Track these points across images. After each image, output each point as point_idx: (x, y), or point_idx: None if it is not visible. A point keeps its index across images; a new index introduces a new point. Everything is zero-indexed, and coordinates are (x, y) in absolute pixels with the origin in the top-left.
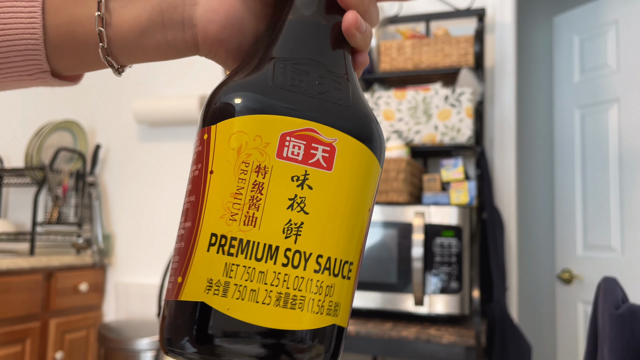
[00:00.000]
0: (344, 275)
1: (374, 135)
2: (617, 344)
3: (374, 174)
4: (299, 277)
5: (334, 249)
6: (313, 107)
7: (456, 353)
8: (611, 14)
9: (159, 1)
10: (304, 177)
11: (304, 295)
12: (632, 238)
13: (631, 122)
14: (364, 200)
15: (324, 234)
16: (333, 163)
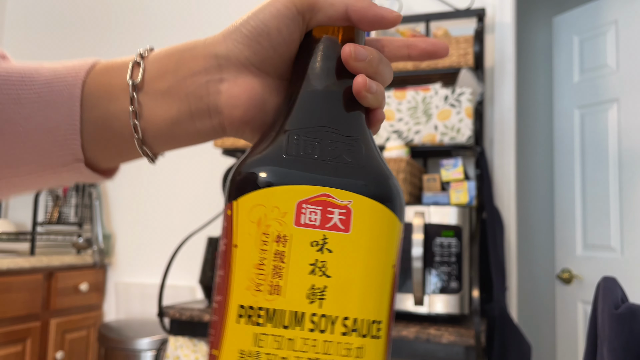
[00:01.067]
0: (373, 335)
1: (390, 192)
2: (617, 344)
3: (393, 231)
4: (327, 342)
5: (360, 310)
6: (326, 173)
7: (456, 353)
8: (611, 14)
9: (186, 93)
10: (323, 242)
11: (334, 359)
12: (632, 238)
13: (631, 122)
14: (386, 258)
15: (349, 296)
16: (350, 225)
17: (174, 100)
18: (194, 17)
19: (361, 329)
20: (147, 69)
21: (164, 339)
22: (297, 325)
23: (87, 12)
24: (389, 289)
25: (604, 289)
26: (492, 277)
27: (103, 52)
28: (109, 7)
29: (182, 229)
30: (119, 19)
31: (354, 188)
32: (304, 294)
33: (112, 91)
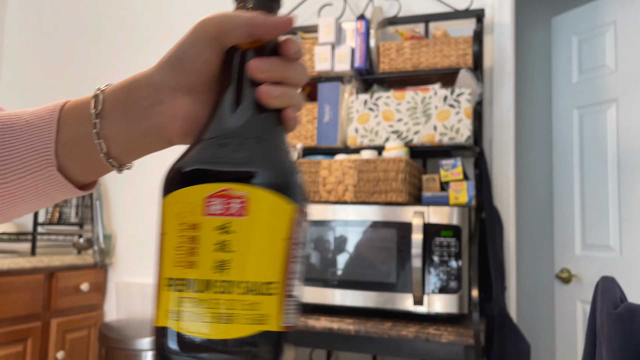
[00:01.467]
0: (267, 293)
1: (280, 181)
2: (615, 343)
3: (284, 213)
4: (231, 300)
5: (256, 275)
6: (227, 171)
7: (455, 352)
8: (609, 14)
9: (136, 116)
10: (226, 225)
11: (236, 313)
12: (631, 237)
13: (629, 122)
14: (277, 233)
15: (247, 265)
16: (247, 210)
17: (129, 123)
18: (188, 19)
19: (257, 289)
20: (105, 100)
21: None
22: (208, 289)
23: (88, 13)
24: (281, 257)
25: (602, 289)
26: (491, 277)
27: (102, 53)
28: (109, 9)
29: None
30: (119, 21)
31: (249, 181)
32: (212, 267)
33: (81, 119)
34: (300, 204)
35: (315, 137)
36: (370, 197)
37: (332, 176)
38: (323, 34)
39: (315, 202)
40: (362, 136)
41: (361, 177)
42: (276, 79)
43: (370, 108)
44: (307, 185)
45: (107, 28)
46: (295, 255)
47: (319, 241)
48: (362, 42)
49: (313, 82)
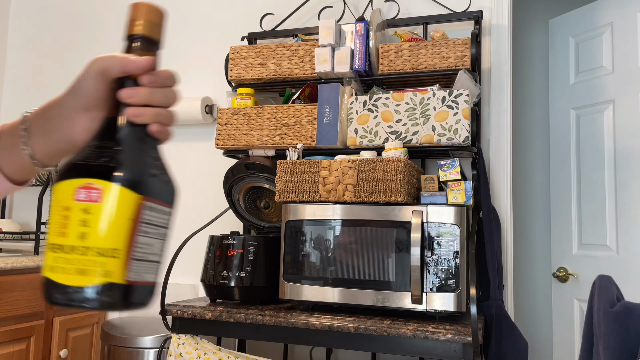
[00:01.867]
0: (112, 256)
1: (129, 178)
2: (613, 341)
3: (129, 200)
4: (87, 259)
5: (104, 243)
6: (92, 170)
7: (453, 349)
8: (606, 16)
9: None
10: (87, 208)
11: (90, 269)
12: (627, 237)
13: (626, 122)
14: (123, 214)
15: (98, 236)
16: (101, 198)
17: (46, 134)
18: (187, 17)
19: (105, 253)
20: (30, 119)
21: (167, 336)
22: (72, 252)
23: (92, 10)
24: (125, 231)
25: (599, 287)
26: (489, 276)
27: (107, 50)
28: (113, 7)
29: (184, 228)
30: (122, 19)
31: (105, 178)
32: (77, 237)
33: (13, 134)
34: (149, 195)
35: (315, 138)
36: (369, 196)
37: (332, 176)
38: (323, 35)
39: (315, 202)
40: (362, 137)
41: (360, 177)
42: (142, 102)
43: (369, 109)
44: (307, 185)
45: (111, 26)
46: (140, 231)
47: (319, 240)
48: (361, 44)
49: (313, 84)
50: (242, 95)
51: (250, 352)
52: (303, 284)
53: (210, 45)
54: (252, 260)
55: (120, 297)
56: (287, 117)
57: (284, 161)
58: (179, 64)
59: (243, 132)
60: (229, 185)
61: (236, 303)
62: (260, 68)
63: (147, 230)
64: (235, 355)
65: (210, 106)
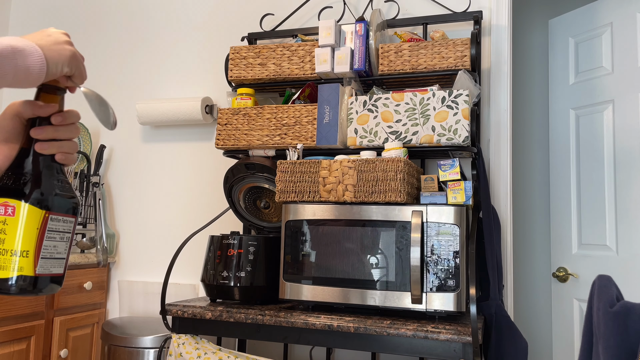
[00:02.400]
0: (24, 256)
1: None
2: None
3: (36, 215)
4: (5, 258)
5: (17, 246)
6: (9, 191)
7: (453, 349)
8: (606, 16)
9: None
10: (4, 220)
11: (7, 265)
12: (627, 236)
13: (625, 123)
14: (32, 225)
15: (12, 241)
16: (15, 213)
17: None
18: (187, 17)
19: (18, 254)
20: None
21: (167, 336)
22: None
23: (91, 13)
24: (34, 237)
25: (599, 287)
26: (488, 276)
27: (106, 53)
28: (113, 10)
29: (184, 228)
30: (123, 21)
31: (17, 197)
32: None
33: None
34: (52, 210)
35: (315, 138)
36: (369, 197)
37: (332, 176)
38: (323, 36)
39: (315, 202)
40: (362, 137)
41: (360, 177)
42: (48, 138)
43: (369, 109)
44: (307, 185)
45: (110, 26)
46: (46, 237)
47: (319, 240)
48: (361, 44)
49: (313, 84)
50: (242, 96)
51: (250, 352)
52: (303, 283)
53: (211, 46)
54: (252, 260)
55: (30, 285)
56: (287, 117)
57: (284, 161)
58: (179, 64)
59: (243, 132)
60: (229, 185)
61: (236, 303)
62: (260, 68)
63: (53, 236)
64: (235, 355)
65: (210, 106)
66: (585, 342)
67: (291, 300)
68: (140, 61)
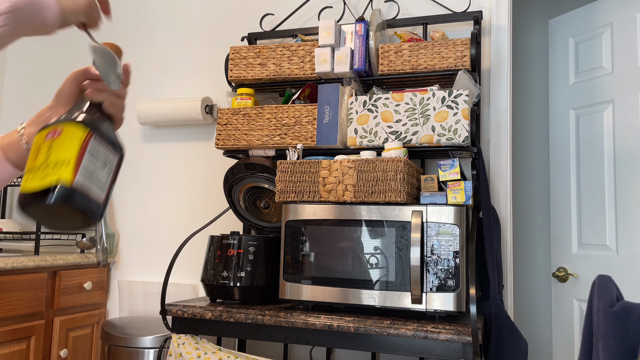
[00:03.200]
0: (63, 164)
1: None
2: (612, 341)
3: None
4: (48, 170)
5: (60, 156)
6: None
7: (453, 349)
8: (606, 16)
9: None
10: (52, 141)
11: (48, 175)
12: (627, 236)
13: (625, 123)
14: (75, 138)
15: (58, 153)
16: (62, 132)
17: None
18: (188, 17)
19: (59, 163)
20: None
21: (167, 336)
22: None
23: None
24: (76, 149)
25: (599, 287)
26: (488, 276)
27: None
28: (112, 9)
29: (184, 228)
30: (121, 20)
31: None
32: (43, 159)
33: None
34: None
35: (315, 138)
36: (369, 197)
37: (332, 176)
38: (323, 36)
39: (315, 202)
40: (362, 137)
41: (360, 177)
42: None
43: (369, 109)
44: (307, 185)
45: (110, 28)
46: (89, 152)
47: (319, 240)
48: (361, 44)
49: (313, 84)
50: (242, 96)
51: (250, 352)
52: (303, 283)
53: (211, 46)
54: (252, 260)
55: (68, 194)
56: (287, 117)
57: (284, 161)
58: (179, 64)
59: (243, 132)
60: (229, 185)
61: (236, 303)
62: (260, 68)
63: (94, 158)
64: (235, 355)
65: (210, 106)
66: (585, 342)
67: (291, 300)
68: (140, 61)
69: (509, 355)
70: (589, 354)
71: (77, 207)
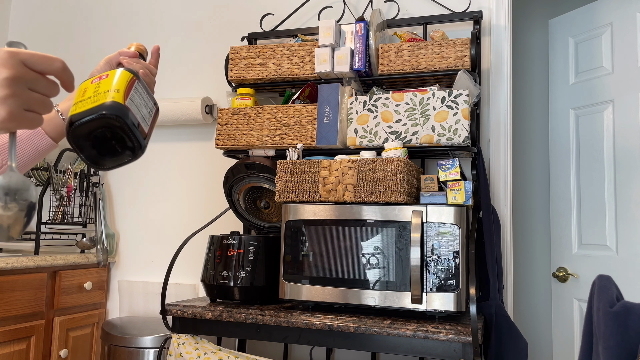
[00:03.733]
0: (115, 90)
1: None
2: (612, 342)
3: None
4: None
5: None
6: None
7: (453, 349)
8: (606, 16)
9: None
10: (99, 81)
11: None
12: (627, 236)
13: (625, 123)
14: (122, 78)
15: (107, 84)
16: (108, 75)
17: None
18: (188, 17)
19: (113, 88)
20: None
21: (167, 336)
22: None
23: (88, 13)
24: (125, 84)
25: (599, 287)
26: (488, 276)
27: (107, 50)
28: (112, 8)
29: (184, 228)
30: (121, 20)
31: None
32: (92, 92)
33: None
34: (138, 79)
35: (315, 138)
36: (369, 197)
37: (332, 176)
38: (323, 36)
39: (315, 202)
40: (362, 137)
41: (360, 177)
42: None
43: (369, 109)
44: (307, 185)
45: (110, 25)
46: (135, 89)
47: (319, 240)
48: (361, 44)
49: (313, 84)
50: (242, 96)
51: (250, 352)
52: (303, 283)
53: (211, 46)
54: (252, 260)
55: (122, 110)
56: (287, 117)
57: (284, 161)
58: (179, 64)
59: (243, 132)
60: (229, 185)
61: (236, 303)
62: (260, 68)
63: (138, 97)
64: (235, 355)
65: (210, 106)
66: (585, 342)
67: (291, 300)
68: None
69: (509, 355)
70: (589, 354)
71: (128, 126)
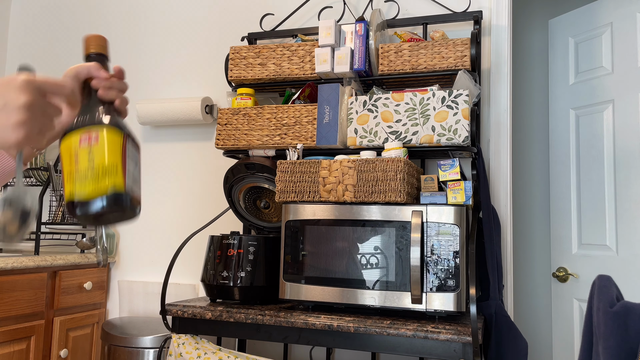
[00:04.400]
0: (114, 167)
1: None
2: (612, 341)
3: (118, 137)
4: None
5: (104, 161)
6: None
7: (453, 349)
8: (606, 16)
9: None
10: (90, 146)
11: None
12: (627, 236)
13: (625, 122)
14: (116, 145)
15: (102, 158)
16: (99, 138)
17: None
18: (188, 17)
19: (110, 166)
20: None
21: (167, 336)
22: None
23: (88, 12)
24: (119, 155)
25: (599, 287)
26: (488, 276)
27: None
28: (112, 8)
29: (184, 228)
30: (121, 20)
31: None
32: (87, 158)
33: None
34: (129, 135)
35: (315, 138)
36: (369, 197)
37: (332, 176)
38: (323, 36)
39: (315, 202)
40: (362, 137)
41: (360, 177)
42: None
43: (369, 109)
44: (307, 185)
45: (110, 25)
46: (128, 155)
47: (319, 240)
48: (361, 44)
49: (313, 84)
50: (242, 96)
51: (250, 352)
52: (303, 283)
53: (210, 46)
54: (252, 260)
55: (123, 199)
56: (287, 117)
57: (284, 161)
58: (179, 64)
59: (243, 132)
60: (229, 185)
61: (236, 303)
62: (260, 68)
63: (131, 159)
64: (235, 355)
65: (210, 106)
66: (585, 342)
67: (291, 300)
68: (140, 61)
69: (509, 355)
70: (589, 354)
71: (128, 209)
